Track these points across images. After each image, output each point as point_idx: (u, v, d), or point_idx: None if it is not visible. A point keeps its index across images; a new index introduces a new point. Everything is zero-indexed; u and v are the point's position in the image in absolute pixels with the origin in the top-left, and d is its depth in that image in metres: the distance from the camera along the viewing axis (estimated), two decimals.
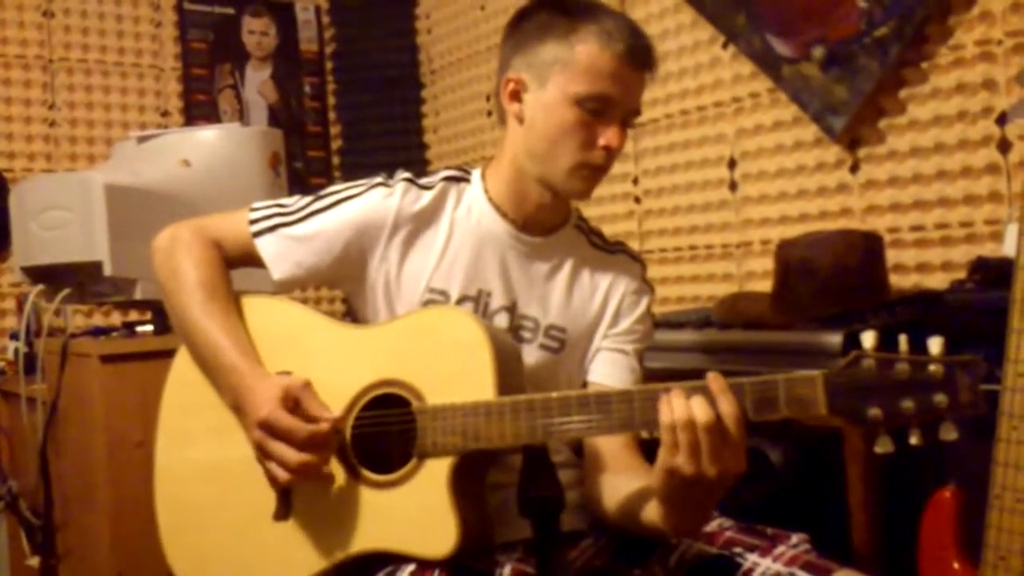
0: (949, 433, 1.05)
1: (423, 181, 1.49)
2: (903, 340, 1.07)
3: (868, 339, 1.09)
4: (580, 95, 1.37)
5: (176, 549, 1.44)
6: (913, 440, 1.06)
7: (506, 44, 1.48)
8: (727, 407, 1.10)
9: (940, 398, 1.04)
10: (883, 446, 1.07)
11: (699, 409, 1.10)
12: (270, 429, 1.27)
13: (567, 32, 1.39)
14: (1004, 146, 2.02)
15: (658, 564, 1.37)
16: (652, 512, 1.24)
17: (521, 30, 1.45)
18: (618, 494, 1.35)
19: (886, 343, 1.08)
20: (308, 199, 1.49)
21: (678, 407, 1.11)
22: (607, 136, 1.39)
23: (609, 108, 1.38)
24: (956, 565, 1.51)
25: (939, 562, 1.53)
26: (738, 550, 1.33)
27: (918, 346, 1.07)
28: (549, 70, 1.40)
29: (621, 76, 1.38)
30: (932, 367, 1.05)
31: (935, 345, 1.06)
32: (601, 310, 1.52)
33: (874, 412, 1.07)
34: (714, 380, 1.12)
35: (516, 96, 1.45)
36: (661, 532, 1.24)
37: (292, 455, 1.26)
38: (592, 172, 1.42)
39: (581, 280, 1.52)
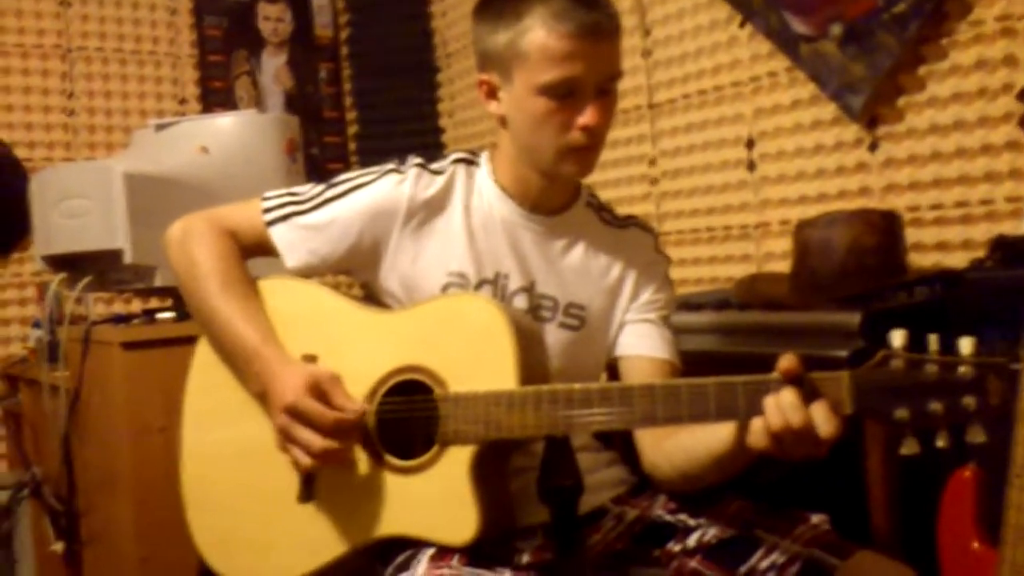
0: (977, 436, 1.03)
1: (435, 166, 1.49)
2: (933, 340, 1.05)
3: (897, 338, 1.06)
4: (542, 85, 1.35)
5: (202, 529, 1.45)
6: (940, 443, 1.04)
7: (474, 41, 1.46)
8: (822, 412, 1.08)
9: (969, 400, 1.02)
10: (909, 448, 1.06)
11: (794, 416, 1.08)
12: (296, 414, 1.28)
13: (515, 21, 1.36)
14: None
15: (678, 545, 1.38)
16: (711, 460, 1.28)
17: (480, 25, 1.43)
18: (679, 457, 1.37)
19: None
20: (321, 187, 1.49)
21: (774, 413, 1.10)
22: (583, 116, 1.36)
23: (577, 88, 1.35)
24: (976, 545, 1.51)
25: (959, 542, 1.52)
26: (758, 531, 1.34)
27: (948, 345, 1.04)
28: (510, 65, 1.38)
29: (578, 54, 1.34)
30: (962, 369, 1.03)
31: (966, 345, 1.04)
32: (618, 286, 1.53)
33: (901, 413, 1.05)
34: (822, 384, 1.10)
35: (493, 95, 1.44)
36: (716, 479, 1.30)
37: (317, 440, 1.27)
38: (579, 153, 1.40)
39: (596, 257, 1.52)
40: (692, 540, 1.37)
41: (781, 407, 1.09)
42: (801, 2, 2.39)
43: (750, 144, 2.62)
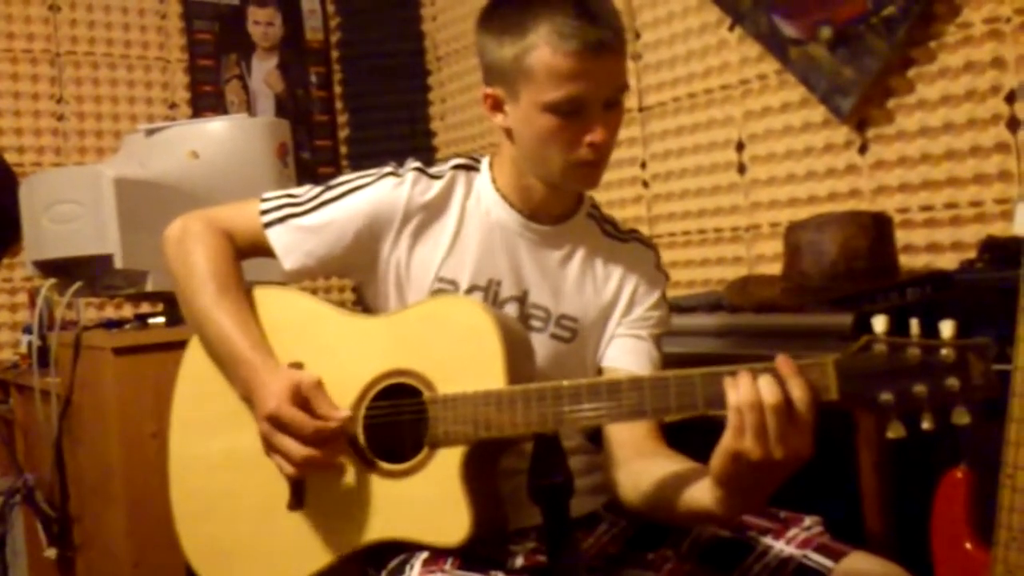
0: (962, 417, 1.03)
1: (433, 170, 1.48)
2: (914, 324, 1.06)
3: (879, 323, 1.07)
4: (549, 103, 1.33)
5: (192, 539, 1.45)
6: (925, 425, 1.04)
7: (478, 51, 1.44)
8: (797, 389, 1.06)
9: (952, 382, 1.03)
10: (895, 431, 1.06)
11: (767, 390, 1.06)
12: (277, 422, 1.27)
13: (520, 37, 1.33)
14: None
15: (671, 549, 1.38)
16: (699, 496, 1.19)
17: (484, 35, 1.41)
18: (646, 482, 1.32)
19: (898, 327, 1.07)
20: (318, 189, 1.48)
21: (745, 387, 1.07)
22: (591, 134, 1.34)
23: (584, 105, 1.33)
24: (968, 545, 1.51)
25: (952, 543, 1.53)
26: (751, 533, 1.34)
27: (930, 329, 1.05)
28: (515, 81, 1.36)
29: (584, 72, 1.31)
30: (944, 351, 1.03)
31: (947, 328, 1.04)
32: (614, 299, 1.51)
33: (886, 397, 1.05)
34: (784, 363, 1.08)
35: (498, 108, 1.42)
36: (709, 516, 1.19)
37: (297, 449, 1.26)
38: (586, 168, 1.38)
39: (594, 269, 1.51)
40: (686, 543, 1.37)
41: (736, 383, 1.08)
42: (790, 5, 2.40)
43: (740, 147, 2.63)
